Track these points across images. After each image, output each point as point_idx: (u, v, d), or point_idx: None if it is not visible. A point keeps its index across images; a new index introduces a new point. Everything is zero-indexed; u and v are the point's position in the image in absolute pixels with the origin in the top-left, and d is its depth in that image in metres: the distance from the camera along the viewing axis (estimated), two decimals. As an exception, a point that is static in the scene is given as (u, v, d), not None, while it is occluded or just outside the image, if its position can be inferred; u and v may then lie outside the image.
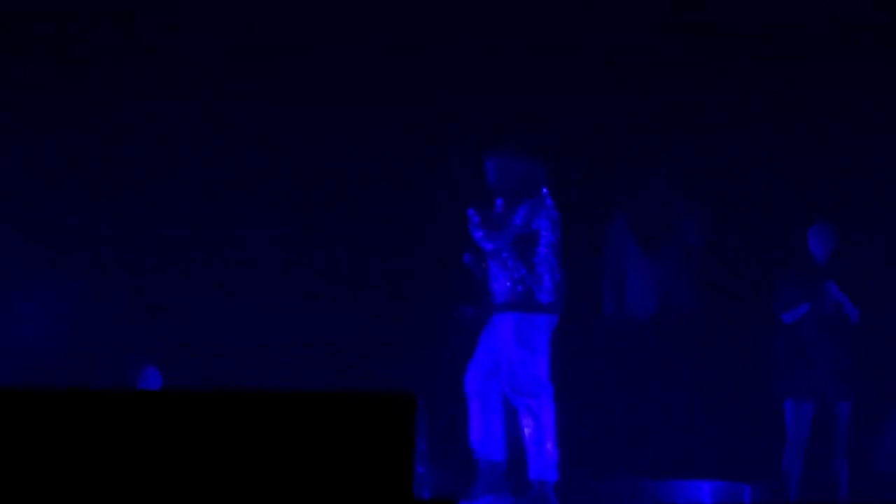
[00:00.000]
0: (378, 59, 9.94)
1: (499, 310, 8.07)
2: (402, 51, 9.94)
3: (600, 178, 10.18)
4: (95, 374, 8.83)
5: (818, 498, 9.23)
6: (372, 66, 9.88)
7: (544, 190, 8.20)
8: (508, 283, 8.00)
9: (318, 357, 9.15)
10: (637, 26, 10.07)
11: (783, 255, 9.55)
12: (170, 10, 9.84)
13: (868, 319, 9.30)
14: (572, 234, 9.76)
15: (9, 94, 9.78)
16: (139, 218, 9.96)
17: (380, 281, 9.32)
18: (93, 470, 3.61)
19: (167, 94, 9.91)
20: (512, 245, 8.03)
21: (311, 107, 9.76)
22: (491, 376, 8.03)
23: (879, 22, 9.80)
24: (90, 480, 3.60)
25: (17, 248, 9.75)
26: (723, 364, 10.08)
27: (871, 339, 9.37)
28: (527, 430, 7.95)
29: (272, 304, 9.56)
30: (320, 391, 7.63)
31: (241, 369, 8.64)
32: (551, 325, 8.13)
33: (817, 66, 9.98)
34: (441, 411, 8.81)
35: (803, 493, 9.25)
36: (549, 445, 7.96)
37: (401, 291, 9.78)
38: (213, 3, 9.87)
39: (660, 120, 10.16)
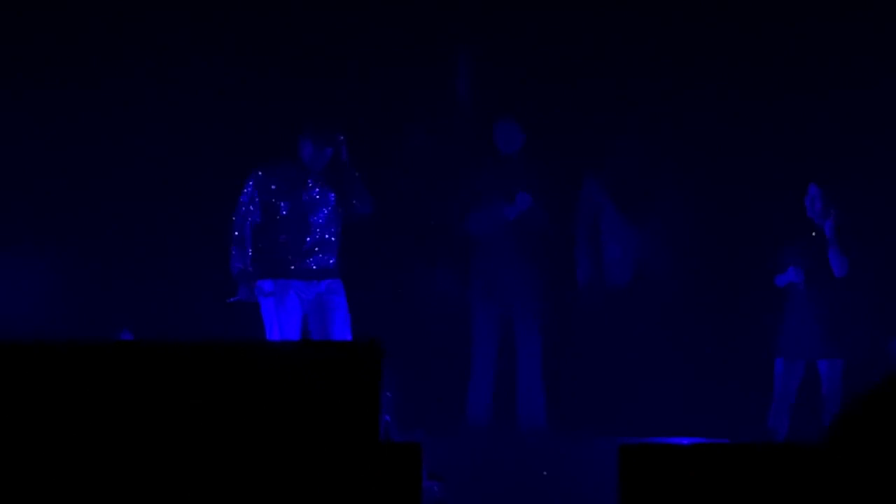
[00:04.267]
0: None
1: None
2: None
3: (573, 141, 10.18)
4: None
5: None
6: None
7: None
8: None
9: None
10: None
11: (769, 216, 9.57)
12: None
13: (859, 275, 9.33)
14: (545, 198, 9.80)
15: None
16: (118, 187, 9.98)
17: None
18: (62, 422, 3.65)
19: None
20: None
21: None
22: None
23: None
24: (60, 433, 3.64)
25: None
26: (704, 325, 10.09)
27: (862, 294, 9.38)
28: None
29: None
30: (286, 341, 7.65)
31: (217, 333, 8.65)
32: None
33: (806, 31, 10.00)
34: (410, 359, 8.86)
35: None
36: None
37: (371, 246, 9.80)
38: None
39: (636, 80, 10.15)
